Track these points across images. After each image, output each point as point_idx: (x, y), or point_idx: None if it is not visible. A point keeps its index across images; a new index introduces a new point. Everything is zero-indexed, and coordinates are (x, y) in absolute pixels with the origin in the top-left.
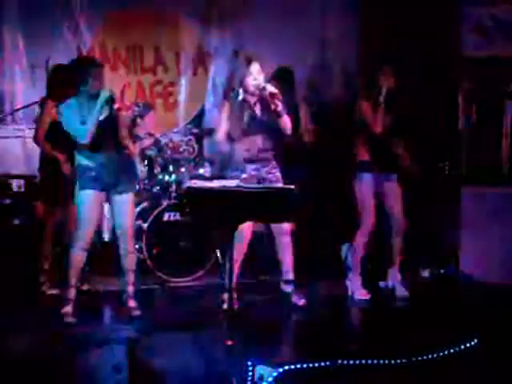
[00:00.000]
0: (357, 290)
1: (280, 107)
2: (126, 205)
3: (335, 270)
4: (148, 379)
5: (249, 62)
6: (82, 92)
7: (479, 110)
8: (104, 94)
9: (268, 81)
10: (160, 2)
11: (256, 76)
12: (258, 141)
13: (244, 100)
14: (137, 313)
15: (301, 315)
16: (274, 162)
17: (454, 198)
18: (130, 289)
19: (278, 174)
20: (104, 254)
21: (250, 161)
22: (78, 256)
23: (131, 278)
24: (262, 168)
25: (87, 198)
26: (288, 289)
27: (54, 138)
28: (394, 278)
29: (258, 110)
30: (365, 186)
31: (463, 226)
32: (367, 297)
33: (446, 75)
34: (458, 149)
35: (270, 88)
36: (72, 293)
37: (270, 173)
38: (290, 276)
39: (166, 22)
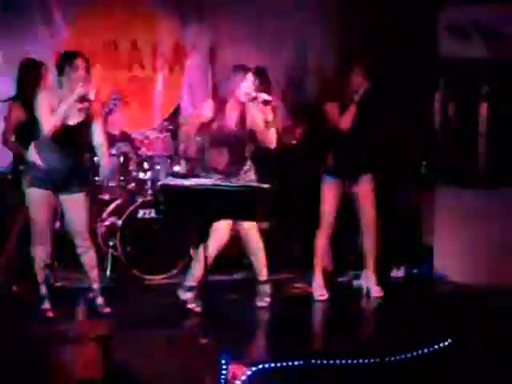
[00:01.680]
0: (316, 289)
1: (270, 117)
2: (77, 205)
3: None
4: (120, 377)
5: (245, 71)
6: (61, 83)
7: (455, 111)
8: (80, 90)
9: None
10: None
11: (250, 85)
12: (225, 155)
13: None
14: (106, 310)
15: (271, 314)
16: (244, 172)
17: (429, 197)
18: (96, 286)
19: (251, 178)
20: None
21: (217, 171)
22: (38, 253)
23: (94, 275)
24: (226, 179)
25: (35, 197)
26: (264, 289)
27: (25, 137)
28: (368, 280)
29: (232, 123)
30: (327, 188)
31: (438, 226)
32: (324, 297)
33: (422, 76)
34: (434, 149)
35: (263, 96)
36: (44, 289)
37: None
38: (264, 276)
39: (142, 18)
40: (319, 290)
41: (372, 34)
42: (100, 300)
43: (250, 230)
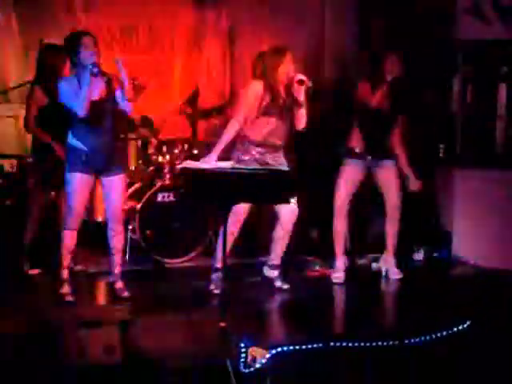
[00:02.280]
0: (333, 272)
1: (303, 97)
2: (116, 186)
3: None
4: (140, 361)
5: (282, 51)
6: (76, 64)
7: (474, 93)
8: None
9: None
10: None
11: (287, 65)
12: (272, 124)
13: (269, 86)
14: (125, 294)
15: (290, 297)
16: (282, 152)
17: (447, 181)
18: (117, 270)
19: (283, 161)
20: (97, 234)
21: (258, 144)
22: (68, 238)
23: (118, 259)
24: (266, 153)
25: (77, 181)
26: (272, 274)
27: (46, 122)
28: (387, 263)
29: (282, 94)
30: (346, 171)
31: (457, 209)
32: (341, 280)
33: (441, 58)
34: (453, 131)
35: (300, 76)
36: (66, 273)
37: (274, 159)
38: (278, 261)
39: (160, 3)
40: (337, 273)
41: (390, 18)
42: (120, 284)
43: (292, 221)
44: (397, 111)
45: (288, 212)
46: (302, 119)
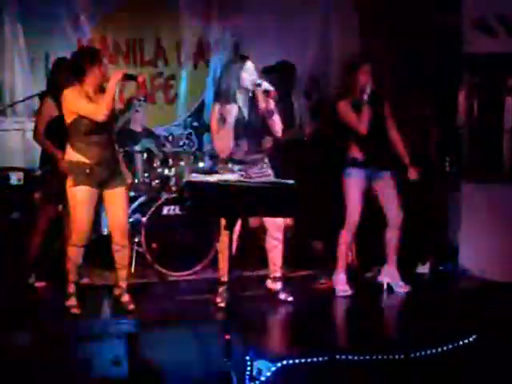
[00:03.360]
0: (339, 285)
1: (272, 106)
2: (119, 199)
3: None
4: (146, 374)
5: (244, 58)
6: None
7: (480, 106)
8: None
9: (268, 72)
10: None
11: (251, 72)
12: (244, 145)
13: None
14: (131, 307)
15: (293, 310)
16: (265, 162)
17: (454, 194)
18: (123, 284)
19: (269, 173)
20: (103, 247)
21: (237, 162)
22: (75, 252)
23: (123, 273)
24: (249, 169)
25: (81, 195)
26: (276, 286)
27: (54, 134)
28: (391, 277)
29: (245, 111)
30: (353, 182)
31: (464, 222)
32: (348, 293)
33: (447, 71)
34: (459, 145)
35: (266, 85)
36: (72, 287)
37: (257, 173)
38: (278, 273)
39: (166, 19)
40: (343, 286)
41: (396, 31)
42: (126, 297)
43: (279, 231)
44: (383, 119)
45: (271, 221)
46: (275, 127)
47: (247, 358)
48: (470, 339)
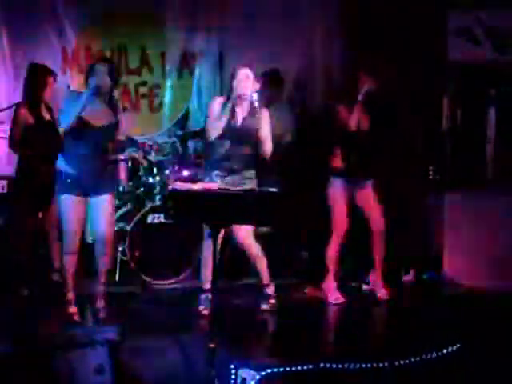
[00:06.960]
0: (331, 293)
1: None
2: (104, 207)
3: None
4: (130, 382)
5: (238, 67)
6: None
7: (464, 115)
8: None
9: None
10: (145, 3)
11: (246, 81)
12: (227, 146)
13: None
14: (102, 314)
15: (280, 319)
16: (246, 174)
17: (438, 202)
18: (100, 289)
19: (252, 181)
20: (87, 256)
21: (222, 169)
22: (68, 262)
23: (102, 278)
24: (226, 177)
25: (67, 203)
26: (266, 291)
27: (31, 142)
28: (375, 283)
29: (239, 117)
30: (336, 191)
31: (448, 230)
32: (340, 300)
33: (431, 79)
34: (443, 153)
35: (253, 96)
36: (71, 295)
37: (240, 181)
38: (266, 280)
39: (151, 23)
40: (334, 294)
41: (381, 39)
42: (100, 303)
43: (245, 237)
44: (376, 130)
45: (237, 231)
46: (265, 148)
47: (231, 366)
48: (454, 347)
